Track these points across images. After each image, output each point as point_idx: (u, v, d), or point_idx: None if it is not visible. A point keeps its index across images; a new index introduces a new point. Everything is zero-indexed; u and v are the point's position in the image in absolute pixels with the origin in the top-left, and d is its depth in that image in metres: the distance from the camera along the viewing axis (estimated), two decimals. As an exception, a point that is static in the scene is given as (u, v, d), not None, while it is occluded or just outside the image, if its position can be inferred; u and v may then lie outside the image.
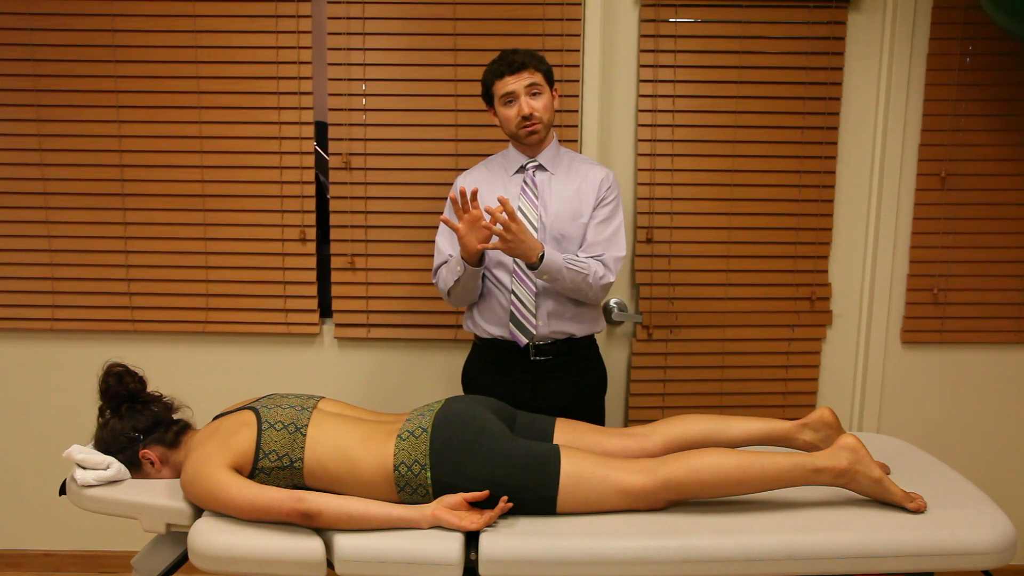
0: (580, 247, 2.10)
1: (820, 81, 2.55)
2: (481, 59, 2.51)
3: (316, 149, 2.60)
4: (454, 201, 1.92)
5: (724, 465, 1.65)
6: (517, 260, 2.04)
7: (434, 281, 2.19)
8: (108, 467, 1.73)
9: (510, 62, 2.03)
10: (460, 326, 2.61)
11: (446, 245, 2.16)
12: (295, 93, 2.54)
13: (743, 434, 1.86)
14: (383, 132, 2.56)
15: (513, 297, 2.06)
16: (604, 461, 1.69)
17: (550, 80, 2.08)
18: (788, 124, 2.57)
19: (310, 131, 2.57)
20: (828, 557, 1.57)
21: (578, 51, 2.52)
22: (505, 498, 1.62)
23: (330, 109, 2.55)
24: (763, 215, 2.61)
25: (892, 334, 2.68)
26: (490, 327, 2.12)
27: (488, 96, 2.11)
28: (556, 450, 1.69)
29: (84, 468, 1.73)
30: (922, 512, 1.66)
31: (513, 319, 2.06)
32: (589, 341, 2.19)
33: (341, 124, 2.56)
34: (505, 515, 1.65)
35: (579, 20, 2.51)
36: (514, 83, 2.03)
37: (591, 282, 2.02)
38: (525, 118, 2.04)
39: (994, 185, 2.60)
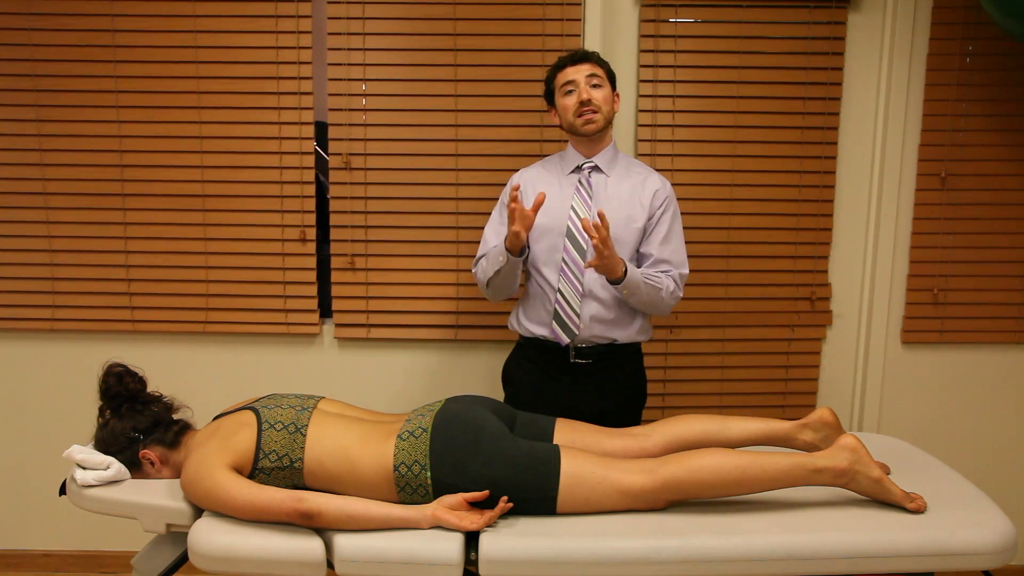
0: (631, 253, 2.09)
1: (820, 81, 2.55)
2: (481, 59, 2.51)
3: (316, 149, 2.60)
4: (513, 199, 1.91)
5: (724, 465, 1.65)
6: (565, 259, 2.04)
7: (473, 271, 2.18)
8: (108, 467, 1.73)
9: (572, 55, 2.09)
10: (460, 326, 2.61)
11: (493, 237, 2.15)
12: (295, 93, 2.54)
13: (743, 434, 1.86)
14: (383, 132, 2.56)
15: (559, 296, 2.05)
16: (604, 461, 1.69)
17: (612, 80, 2.11)
18: (788, 124, 2.57)
19: (310, 131, 2.57)
20: (828, 557, 1.57)
21: (578, 51, 2.52)
22: (505, 498, 1.62)
23: (330, 109, 2.55)
24: (763, 215, 2.61)
25: (892, 334, 2.68)
26: (533, 326, 2.12)
27: (550, 93, 2.13)
28: (556, 450, 1.69)
29: (84, 468, 1.73)
30: (922, 512, 1.66)
31: (557, 317, 2.05)
32: (633, 349, 2.17)
33: (341, 124, 2.56)
34: (505, 515, 1.65)
35: (579, 20, 2.51)
36: (575, 72, 2.06)
37: (663, 296, 2.04)
38: (583, 103, 2.04)
39: (994, 185, 2.60)
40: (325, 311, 2.69)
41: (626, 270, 1.96)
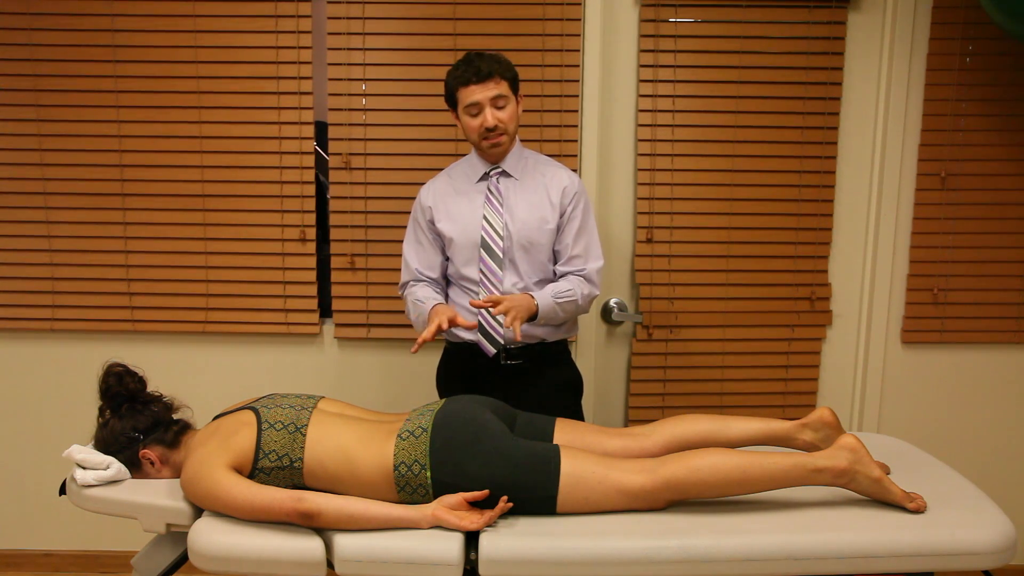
0: (549, 256, 2.09)
1: (820, 81, 2.55)
2: (481, 59, 2.51)
3: (316, 149, 2.60)
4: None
5: (724, 465, 1.65)
6: (483, 270, 2.04)
7: (401, 294, 2.18)
8: (108, 467, 1.73)
9: (476, 69, 1.97)
10: (460, 326, 2.61)
11: (413, 259, 2.14)
12: (295, 93, 2.54)
13: (743, 434, 1.85)
14: (383, 132, 2.56)
15: None
16: (604, 461, 1.69)
17: (515, 88, 2.03)
18: (788, 124, 2.57)
19: (310, 131, 2.57)
20: (828, 557, 1.57)
21: (578, 51, 2.52)
22: (505, 498, 1.62)
23: (330, 109, 2.55)
24: (763, 215, 2.61)
25: (892, 334, 2.68)
26: (461, 332, 2.11)
27: (452, 100, 2.05)
28: (556, 450, 1.69)
29: (84, 468, 1.73)
30: (922, 512, 1.66)
31: (481, 329, 2.05)
32: (561, 346, 2.18)
33: (341, 124, 2.56)
34: (505, 515, 1.65)
35: (579, 20, 2.51)
36: (479, 93, 1.97)
37: (581, 303, 2.07)
38: (489, 129, 2.00)
39: (994, 185, 2.60)
40: (325, 311, 2.69)
41: (538, 306, 1.97)
